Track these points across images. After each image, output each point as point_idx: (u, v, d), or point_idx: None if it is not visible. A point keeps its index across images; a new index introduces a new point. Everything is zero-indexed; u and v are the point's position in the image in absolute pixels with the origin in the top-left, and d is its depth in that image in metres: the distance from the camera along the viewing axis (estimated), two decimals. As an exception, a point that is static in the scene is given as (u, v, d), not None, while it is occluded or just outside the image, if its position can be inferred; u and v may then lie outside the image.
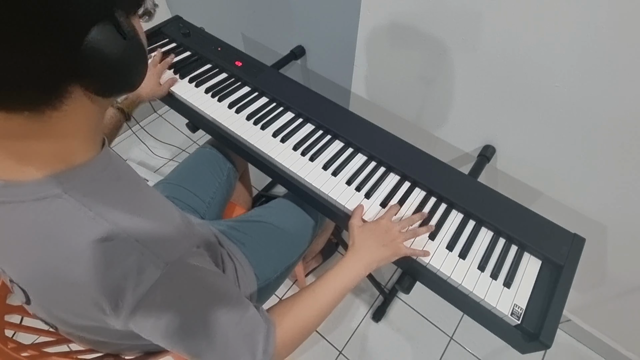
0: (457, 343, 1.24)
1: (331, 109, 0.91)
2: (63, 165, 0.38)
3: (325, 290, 0.59)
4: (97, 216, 0.37)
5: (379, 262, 0.65)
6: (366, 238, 0.67)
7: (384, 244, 0.66)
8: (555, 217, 0.73)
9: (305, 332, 0.56)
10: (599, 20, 0.64)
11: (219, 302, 0.45)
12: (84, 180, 0.39)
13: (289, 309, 0.56)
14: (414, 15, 0.87)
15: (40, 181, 0.36)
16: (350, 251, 0.66)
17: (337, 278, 0.61)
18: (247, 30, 1.41)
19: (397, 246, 0.66)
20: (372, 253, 0.65)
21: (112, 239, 0.37)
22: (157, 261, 0.38)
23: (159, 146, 1.71)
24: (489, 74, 0.84)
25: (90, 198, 0.38)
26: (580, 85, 0.73)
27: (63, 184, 0.37)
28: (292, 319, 0.54)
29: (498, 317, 0.64)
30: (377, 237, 0.66)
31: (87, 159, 0.40)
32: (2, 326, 0.58)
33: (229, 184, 0.98)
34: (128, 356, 0.65)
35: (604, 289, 1.04)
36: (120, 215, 0.38)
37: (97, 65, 0.34)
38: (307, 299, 0.58)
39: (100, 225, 0.37)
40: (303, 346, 1.21)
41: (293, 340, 0.54)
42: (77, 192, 0.37)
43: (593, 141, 0.78)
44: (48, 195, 0.36)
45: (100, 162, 0.41)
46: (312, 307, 0.57)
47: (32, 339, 0.65)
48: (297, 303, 0.57)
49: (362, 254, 0.65)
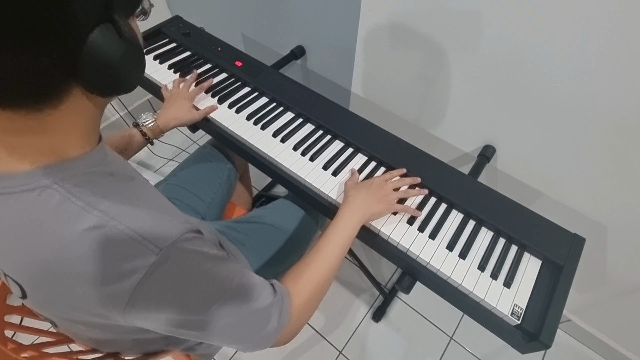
0: (457, 343, 1.24)
1: (331, 109, 0.91)
2: (55, 158, 0.38)
3: (328, 246, 0.62)
4: (87, 205, 0.37)
5: (372, 215, 0.68)
6: (360, 192, 0.70)
7: (377, 199, 0.69)
8: (555, 217, 0.73)
9: (319, 291, 0.58)
10: (599, 20, 0.64)
11: (221, 284, 0.44)
12: (76, 172, 0.39)
13: (301, 271, 0.58)
14: (414, 15, 0.87)
15: (30, 172, 0.36)
16: (344, 205, 0.68)
17: (338, 233, 0.64)
18: (247, 30, 1.41)
19: (390, 202, 0.70)
20: (365, 206, 0.68)
21: (102, 227, 0.37)
22: (150, 247, 0.38)
23: (159, 146, 1.71)
24: (489, 74, 0.84)
25: (82, 189, 0.38)
26: (580, 85, 0.73)
27: (53, 176, 0.37)
28: (305, 280, 0.57)
29: (498, 317, 0.64)
30: (371, 192, 0.70)
31: (80, 154, 0.40)
32: (2, 326, 0.58)
33: (229, 184, 0.98)
34: (128, 356, 0.65)
35: (604, 289, 1.04)
36: (112, 204, 0.38)
37: (97, 66, 0.34)
38: (315, 259, 0.60)
39: (90, 214, 0.37)
40: (303, 346, 1.23)
41: (309, 300, 0.56)
42: (67, 183, 0.37)
43: (593, 141, 0.78)
44: (37, 186, 0.36)
45: (94, 157, 0.41)
46: (323, 266, 0.59)
47: (32, 339, 0.65)
48: (307, 264, 0.59)
49: (356, 207, 0.67)
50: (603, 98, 0.71)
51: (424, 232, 0.71)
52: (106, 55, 0.34)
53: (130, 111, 1.70)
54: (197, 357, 0.73)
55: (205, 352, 0.75)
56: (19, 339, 0.58)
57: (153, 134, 0.81)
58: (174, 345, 0.65)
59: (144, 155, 1.71)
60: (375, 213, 0.68)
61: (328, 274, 0.60)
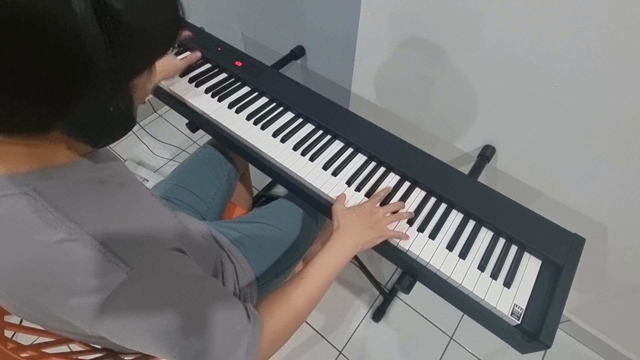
0: (457, 343, 1.24)
1: (331, 109, 0.91)
2: (38, 165, 0.37)
3: (313, 276, 0.59)
4: (62, 216, 0.36)
5: (364, 244, 0.66)
6: (351, 220, 0.67)
7: (369, 226, 0.67)
8: (555, 217, 0.73)
9: (296, 321, 0.55)
10: (599, 20, 0.64)
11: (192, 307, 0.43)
12: (57, 181, 0.38)
13: (278, 298, 0.55)
14: (414, 15, 0.87)
15: (8, 178, 0.36)
16: (335, 234, 0.65)
17: (325, 262, 0.61)
18: (247, 30, 1.41)
19: (382, 228, 0.68)
20: (357, 235, 0.65)
21: (73, 240, 0.36)
22: (120, 265, 0.37)
23: (159, 146, 1.71)
24: (489, 74, 0.84)
25: (60, 199, 0.37)
26: (580, 85, 0.73)
27: (33, 183, 0.37)
28: (282, 309, 0.54)
29: (498, 317, 0.64)
30: (362, 219, 0.67)
31: (65, 162, 0.40)
32: (2, 326, 0.58)
33: (230, 184, 0.98)
34: (128, 357, 0.65)
35: (604, 289, 1.04)
36: (89, 216, 0.38)
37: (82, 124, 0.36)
38: (297, 287, 0.57)
39: (64, 226, 0.36)
40: (303, 346, 1.22)
41: (285, 330, 0.54)
42: (46, 191, 0.37)
43: (593, 141, 0.78)
44: (14, 193, 0.36)
45: (83, 165, 0.41)
46: (302, 295, 0.56)
47: (31, 339, 0.65)
48: (287, 292, 0.56)
49: (348, 236, 0.65)
50: (603, 98, 0.71)
51: (424, 232, 0.71)
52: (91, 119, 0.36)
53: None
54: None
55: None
56: (19, 339, 0.58)
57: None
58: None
59: (144, 155, 1.71)
60: (367, 242, 0.66)
61: (308, 305, 0.57)
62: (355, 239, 0.65)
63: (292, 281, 0.58)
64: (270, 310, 0.53)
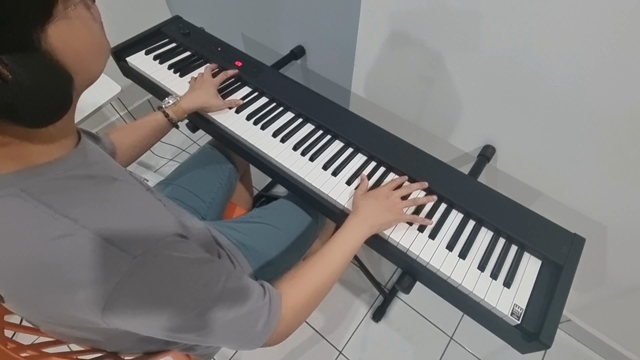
0: (457, 343, 1.24)
1: (331, 109, 0.91)
2: (21, 166, 0.37)
3: (334, 253, 0.62)
4: (57, 214, 0.36)
5: (381, 225, 0.68)
6: (369, 202, 0.69)
7: (386, 208, 0.69)
8: (555, 217, 0.73)
9: (318, 295, 0.58)
10: (600, 20, 0.64)
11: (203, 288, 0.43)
12: (45, 179, 0.38)
13: (301, 274, 0.58)
14: (414, 15, 0.87)
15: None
16: (353, 214, 0.68)
17: (345, 241, 0.64)
18: (247, 30, 1.41)
19: (399, 211, 0.70)
20: (375, 216, 0.68)
21: (71, 235, 0.36)
22: (122, 255, 0.37)
23: (159, 146, 1.71)
24: (489, 74, 0.84)
25: (51, 196, 0.37)
26: (580, 85, 0.73)
27: (20, 183, 0.36)
28: (304, 283, 0.57)
29: (498, 317, 0.64)
30: (379, 202, 0.70)
31: (51, 159, 0.39)
32: (2, 326, 0.58)
33: (230, 184, 0.98)
34: (128, 357, 0.65)
35: (604, 289, 1.04)
36: (83, 211, 0.38)
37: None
38: (318, 264, 0.60)
39: (59, 222, 0.36)
40: (303, 346, 1.22)
41: (306, 303, 0.56)
42: (35, 190, 0.37)
43: (593, 141, 0.78)
44: (4, 195, 0.36)
45: (70, 161, 0.41)
46: (324, 271, 0.59)
47: (32, 339, 0.65)
48: (309, 267, 0.59)
49: (366, 216, 0.67)
50: (603, 98, 0.71)
51: (424, 232, 0.71)
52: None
53: (130, 111, 1.70)
54: (196, 356, 0.73)
55: (205, 352, 0.75)
56: (19, 339, 0.58)
57: (176, 116, 0.80)
58: (173, 344, 0.65)
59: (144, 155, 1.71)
60: (384, 223, 0.68)
61: (328, 280, 0.59)
62: (372, 220, 0.67)
63: (313, 258, 0.61)
64: (293, 283, 0.56)
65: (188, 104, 0.82)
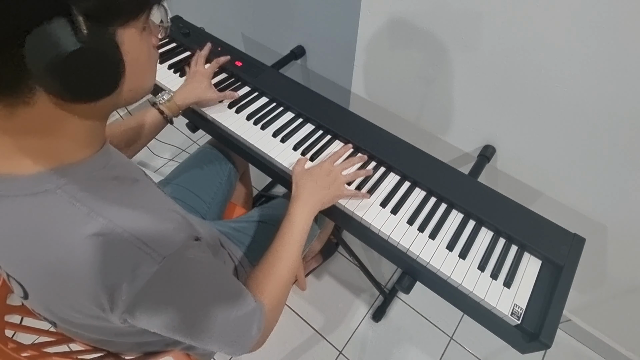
0: (457, 343, 1.24)
1: (331, 109, 0.91)
2: (55, 163, 0.38)
3: (285, 246, 0.62)
4: (92, 212, 0.37)
5: (322, 204, 0.68)
6: (307, 182, 0.69)
7: (325, 185, 0.69)
8: (555, 217, 0.73)
9: (286, 290, 0.60)
10: (600, 20, 0.64)
11: (218, 293, 0.46)
12: (79, 177, 0.39)
13: (264, 277, 0.59)
14: (414, 15, 0.87)
15: (33, 176, 0.37)
16: (292, 199, 0.68)
17: (291, 230, 0.64)
18: (247, 30, 1.41)
19: (339, 188, 0.70)
20: (313, 196, 0.68)
21: (106, 234, 0.37)
22: (153, 255, 0.38)
23: (159, 146, 1.71)
24: (489, 74, 0.84)
25: (85, 194, 0.38)
26: (580, 85, 0.73)
27: (56, 180, 0.37)
28: (272, 285, 0.58)
29: (498, 317, 0.64)
30: (319, 180, 0.69)
31: (81, 158, 0.40)
32: (2, 326, 0.58)
33: (230, 184, 0.98)
34: (128, 356, 0.65)
35: (604, 289, 1.04)
36: (116, 211, 0.38)
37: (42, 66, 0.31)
38: (275, 262, 0.61)
39: (94, 221, 0.37)
40: (303, 346, 1.22)
41: (279, 302, 0.58)
42: (71, 188, 0.37)
43: (593, 141, 0.78)
44: (41, 190, 0.36)
45: (97, 161, 0.41)
46: (283, 266, 0.60)
47: (32, 339, 0.65)
48: (269, 268, 0.60)
49: (306, 199, 0.67)
50: (603, 98, 0.71)
51: (424, 232, 0.71)
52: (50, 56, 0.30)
53: (130, 111, 1.70)
54: (196, 356, 0.73)
55: (205, 352, 0.75)
56: (19, 339, 0.58)
57: (170, 112, 0.79)
58: (173, 345, 0.65)
59: (144, 155, 1.71)
60: (325, 202, 0.68)
61: (289, 275, 0.61)
62: (313, 200, 0.67)
63: (269, 259, 0.61)
64: (261, 288, 0.57)
65: (182, 99, 0.81)
